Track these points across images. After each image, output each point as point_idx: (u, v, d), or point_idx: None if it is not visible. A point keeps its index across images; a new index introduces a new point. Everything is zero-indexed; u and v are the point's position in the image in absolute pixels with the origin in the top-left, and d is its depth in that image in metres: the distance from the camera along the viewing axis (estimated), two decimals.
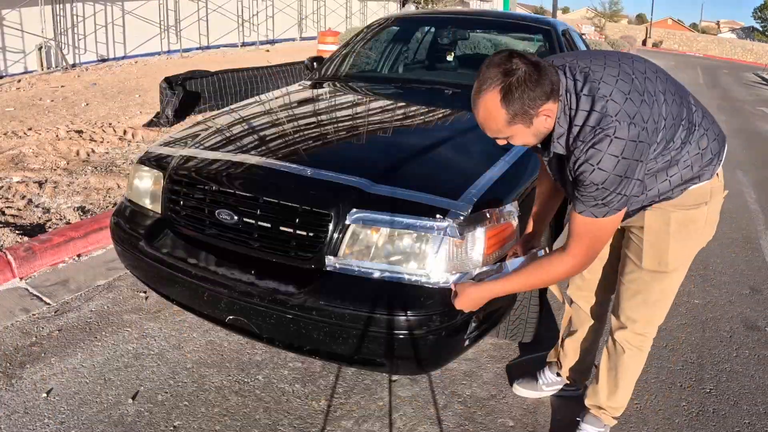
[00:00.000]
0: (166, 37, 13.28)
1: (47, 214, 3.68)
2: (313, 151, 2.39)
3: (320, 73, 3.79)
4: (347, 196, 1.98)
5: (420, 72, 4.18)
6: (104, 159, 4.94)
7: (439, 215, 1.91)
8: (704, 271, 3.69)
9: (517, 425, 2.16)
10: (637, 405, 2.32)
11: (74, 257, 3.26)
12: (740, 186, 5.91)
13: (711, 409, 2.33)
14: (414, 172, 2.18)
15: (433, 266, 1.89)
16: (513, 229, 2.11)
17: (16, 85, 8.62)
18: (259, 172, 2.15)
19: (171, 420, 2.07)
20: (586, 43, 5.01)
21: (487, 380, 2.40)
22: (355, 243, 1.94)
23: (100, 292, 2.92)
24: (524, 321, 2.47)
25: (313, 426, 2.09)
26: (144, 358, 2.40)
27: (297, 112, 2.99)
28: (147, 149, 2.57)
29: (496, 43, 9.44)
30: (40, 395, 2.15)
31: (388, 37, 4.27)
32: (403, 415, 2.18)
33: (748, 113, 12.16)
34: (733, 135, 9.08)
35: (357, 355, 1.93)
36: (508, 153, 2.39)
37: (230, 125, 2.73)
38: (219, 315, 2.11)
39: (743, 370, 2.62)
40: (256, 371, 2.36)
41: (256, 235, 2.05)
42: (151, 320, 2.68)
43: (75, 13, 11.01)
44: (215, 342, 2.54)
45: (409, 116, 2.96)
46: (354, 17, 20.48)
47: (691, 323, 3.01)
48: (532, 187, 2.34)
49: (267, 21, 16.78)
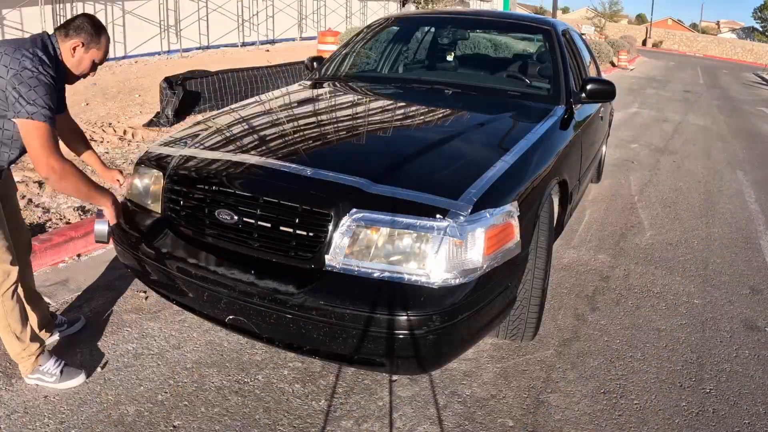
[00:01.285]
0: (166, 37, 13.27)
1: (47, 214, 3.68)
2: (313, 151, 2.39)
3: (320, 73, 3.79)
4: (347, 196, 1.98)
5: (420, 72, 4.18)
6: (104, 159, 4.93)
7: (439, 215, 1.91)
8: (704, 271, 3.69)
9: (517, 425, 2.16)
10: (637, 405, 2.32)
11: (74, 257, 3.26)
12: (740, 186, 5.92)
13: (711, 409, 2.33)
14: (414, 172, 2.18)
15: (433, 266, 1.89)
16: (513, 229, 2.11)
17: None
18: (259, 172, 2.15)
19: (171, 420, 2.07)
20: (586, 43, 5.01)
21: (487, 380, 2.40)
22: (355, 243, 1.94)
23: (100, 292, 2.92)
24: (524, 321, 2.47)
25: (313, 426, 2.09)
26: (144, 358, 2.40)
27: (297, 112, 2.99)
28: (147, 149, 2.57)
29: (496, 43, 9.47)
30: (40, 395, 2.15)
31: (388, 37, 4.27)
32: (403, 415, 2.18)
33: (748, 113, 12.17)
34: (733, 135, 9.09)
35: (357, 355, 1.93)
36: (508, 153, 2.39)
37: (230, 125, 2.73)
38: (219, 315, 2.11)
39: (743, 370, 2.62)
40: (256, 371, 2.36)
41: (256, 235, 2.05)
42: (151, 320, 2.68)
43: (75, 13, 11.01)
44: (215, 342, 2.54)
45: (409, 116, 2.96)
46: (354, 17, 20.48)
47: (691, 323, 3.01)
48: (533, 187, 2.35)
49: (267, 21, 16.77)
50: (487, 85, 3.55)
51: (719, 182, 5.99)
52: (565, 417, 2.22)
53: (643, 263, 3.73)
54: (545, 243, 2.47)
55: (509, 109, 3.08)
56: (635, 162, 6.54)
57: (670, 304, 3.21)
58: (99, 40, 2.06)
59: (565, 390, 2.38)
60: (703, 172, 6.38)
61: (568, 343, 2.72)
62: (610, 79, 3.45)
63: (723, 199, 5.38)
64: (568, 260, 3.66)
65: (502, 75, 3.85)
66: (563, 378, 2.46)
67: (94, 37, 2.04)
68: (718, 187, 5.77)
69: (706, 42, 47.11)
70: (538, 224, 2.38)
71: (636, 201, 5.06)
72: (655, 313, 3.09)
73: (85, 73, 2.10)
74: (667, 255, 3.89)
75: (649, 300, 3.24)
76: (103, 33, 2.08)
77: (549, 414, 2.24)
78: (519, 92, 3.36)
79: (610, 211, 4.72)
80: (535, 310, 2.47)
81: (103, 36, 2.08)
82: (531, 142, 2.54)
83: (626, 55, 20.63)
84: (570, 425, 2.18)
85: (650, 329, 2.92)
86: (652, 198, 5.20)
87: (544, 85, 3.46)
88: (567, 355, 2.63)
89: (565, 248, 3.84)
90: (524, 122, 2.87)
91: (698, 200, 5.26)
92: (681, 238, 4.24)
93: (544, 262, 2.46)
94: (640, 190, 5.42)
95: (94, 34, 2.04)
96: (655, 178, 5.91)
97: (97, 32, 2.05)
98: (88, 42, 2.03)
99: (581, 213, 4.58)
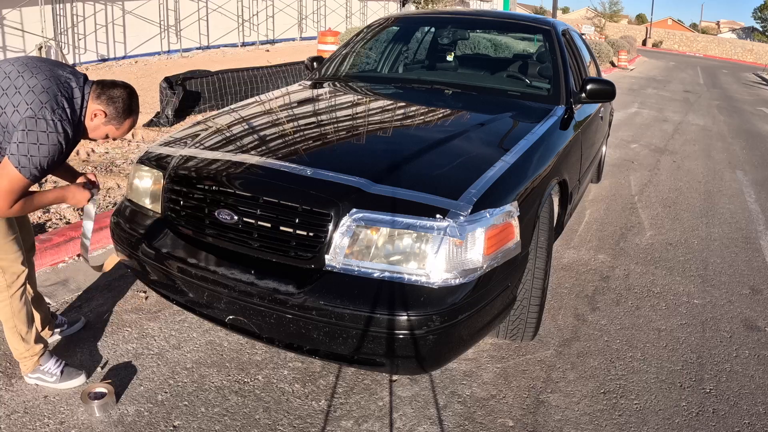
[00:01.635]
0: (166, 36, 13.27)
1: (47, 214, 3.68)
2: (313, 151, 2.39)
3: (320, 73, 3.79)
4: (347, 196, 1.98)
5: (420, 72, 4.18)
6: (104, 159, 4.94)
7: (439, 215, 1.91)
8: (704, 271, 3.69)
9: (517, 425, 2.17)
10: (637, 405, 2.32)
11: (74, 257, 3.26)
12: (740, 186, 5.92)
13: (711, 409, 2.33)
14: (414, 172, 2.18)
15: (433, 266, 1.89)
16: (513, 229, 2.11)
17: None
18: (259, 172, 2.15)
19: (171, 420, 2.07)
20: (586, 43, 5.01)
21: (487, 380, 2.40)
22: (355, 243, 1.94)
23: (100, 292, 2.92)
24: (524, 321, 2.47)
25: (313, 426, 2.09)
26: (144, 358, 2.40)
27: (297, 112, 2.99)
28: (147, 149, 2.57)
29: (496, 43, 9.47)
30: (40, 395, 2.15)
31: (388, 37, 4.27)
32: (403, 415, 2.18)
33: (748, 113, 12.17)
34: (733, 135, 9.09)
35: (357, 355, 1.93)
36: (508, 153, 2.39)
37: (230, 125, 2.73)
38: (219, 315, 2.11)
39: (743, 370, 2.62)
40: (256, 371, 2.36)
41: (256, 235, 2.05)
42: (151, 320, 2.68)
43: (75, 13, 11.01)
44: (215, 342, 2.54)
45: (409, 116, 2.96)
46: (354, 17, 20.47)
47: (691, 323, 3.01)
48: (533, 187, 2.35)
49: (267, 21, 16.77)
50: (487, 85, 3.55)
51: (719, 182, 5.99)
52: (565, 417, 2.22)
53: (643, 263, 3.73)
54: (545, 243, 2.47)
55: (509, 109, 3.08)
56: (635, 162, 6.54)
57: (670, 304, 3.21)
58: (122, 122, 1.99)
59: (565, 390, 2.38)
60: (703, 172, 6.38)
61: (568, 343, 2.72)
62: (610, 79, 3.45)
63: (723, 199, 5.38)
64: (568, 260, 3.66)
65: (502, 75, 3.85)
66: (563, 378, 2.46)
67: (120, 115, 1.97)
68: (718, 187, 5.77)
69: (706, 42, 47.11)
70: (538, 224, 2.38)
71: (636, 201, 5.06)
72: (655, 313, 3.09)
73: (97, 139, 2.04)
74: (667, 255, 3.89)
75: (649, 300, 3.24)
76: (131, 115, 2.01)
77: (549, 414, 2.24)
78: (519, 92, 3.36)
79: (610, 211, 4.72)
80: (535, 310, 2.47)
81: (130, 119, 2.02)
82: (531, 142, 2.55)
83: (626, 55, 20.63)
84: (570, 425, 2.18)
85: (650, 329, 2.92)
86: (652, 198, 5.20)
87: (544, 85, 3.46)
88: (567, 355, 2.63)
89: (565, 248, 3.84)
90: (524, 122, 2.87)
91: (698, 200, 5.26)
92: (681, 238, 4.24)
93: (544, 262, 2.46)
94: (640, 190, 5.42)
95: (122, 114, 1.97)
96: (655, 178, 5.91)
97: (125, 113, 1.98)
98: (112, 117, 1.96)
99: (581, 213, 4.58)
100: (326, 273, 1.95)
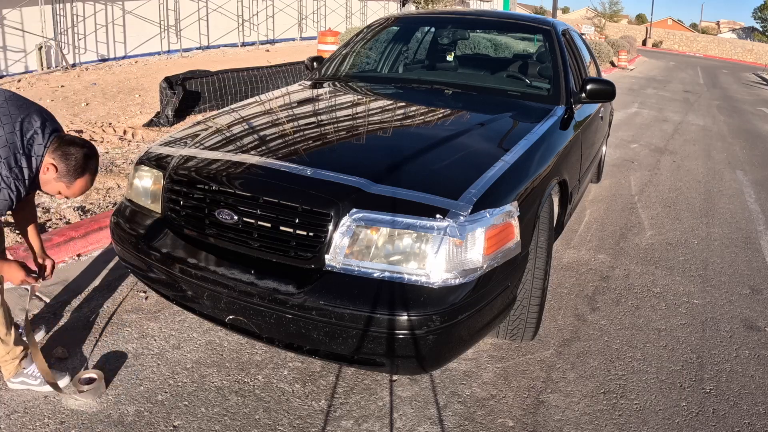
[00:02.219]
0: (166, 36, 13.27)
1: (47, 214, 3.68)
2: (313, 151, 2.39)
3: (320, 73, 3.79)
4: (347, 196, 1.98)
5: (420, 72, 4.18)
6: (104, 159, 4.94)
7: (439, 215, 1.91)
8: (704, 271, 3.69)
9: (517, 425, 2.17)
10: (637, 405, 2.32)
11: (74, 257, 3.26)
12: (740, 186, 5.92)
13: (711, 409, 2.33)
14: (414, 172, 2.18)
15: (433, 266, 1.89)
16: (513, 229, 2.11)
17: (16, 85, 8.61)
18: (259, 172, 2.15)
19: (171, 420, 2.07)
20: (586, 43, 5.01)
21: (487, 380, 2.41)
22: (355, 243, 1.94)
23: (100, 292, 2.92)
24: (524, 321, 2.47)
25: (313, 426, 2.09)
26: (144, 358, 2.40)
27: (297, 112, 2.99)
28: (147, 149, 2.57)
29: (496, 43, 9.47)
30: (39, 395, 2.15)
31: (388, 37, 4.27)
32: (403, 415, 2.18)
33: (748, 113, 12.17)
34: (733, 135, 9.09)
35: (357, 355, 1.93)
36: (508, 153, 2.39)
37: (230, 125, 2.73)
38: (219, 315, 2.11)
39: (743, 370, 2.62)
40: (256, 371, 2.36)
41: (256, 235, 2.05)
42: (151, 320, 2.68)
43: (75, 13, 11.01)
44: (215, 342, 2.54)
45: (409, 116, 2.96)
46: (354, 17, 20.47)
47: (691, 323, 3.01)
48: (533, 187, 2.35)
49: (267, 21, 16.76)
50: (487, 85, 3.55)
51: (719, 182, 5.99)
52: (565, 417, 2.22)
53: (643, 263, 3.73)
54: (545, 243, 2.47)
55: (509, 109, 3.08)
56: (635, 162, 6.54)
57: (670, 304, 3.21)
58: (73, 180, 1.89)
59: (565, 390, 2.38)
60: (703, 172, 6.38)
61: (568, 343, 2.72)
62: (609, 79, 3.45)
63: (723, 199, 5.38)
64: (568, 260, 3.66)
65: (502, 75, 3.85)
66: (563, 378, 2.46)
67: (70, 173, 1.87)
68: (718, 187, 5.77)
69: (706, 42, 47.11)
70: (538, 224, 2.38)
71: (636, 201, 5.06)
72: (655, 313, 3.09)
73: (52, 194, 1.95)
74: (667, 255, 3.89)
75: (649, 300, 3.24)
76: (83, 175, 1.90)
77: (549, 414, 2.24)
78: (519, 92, 3.36)
79: (610, 211, 4.72)
80: (535, 310, 2.47)
81: (82, 178, 1.91)
82: (531, 142, 2.55)
83: (626, 55, 20.63)
84: (570, 425, 2.18)
85: (650, 329, 2.92)
86: (652, 198, 5.20)
87: (544, 85, 3.46)
88: (567, 355, 2.63)
89: (565, 248, 3.84)
90: (524, 122, 2.87)
91: (698, 200, 5.26)
92: (681, 238, 4.24)
93: (544, 262, 2.46)
94: (640, 190, 5.42)
95: (73, 172, 1.87)
96: (655, 178, 5.91)
97: (77, 172, 1.88)
98: (63, 174, 1.87)
99: (581, 213, 4.58)
100: (326, 273, 1.95)
